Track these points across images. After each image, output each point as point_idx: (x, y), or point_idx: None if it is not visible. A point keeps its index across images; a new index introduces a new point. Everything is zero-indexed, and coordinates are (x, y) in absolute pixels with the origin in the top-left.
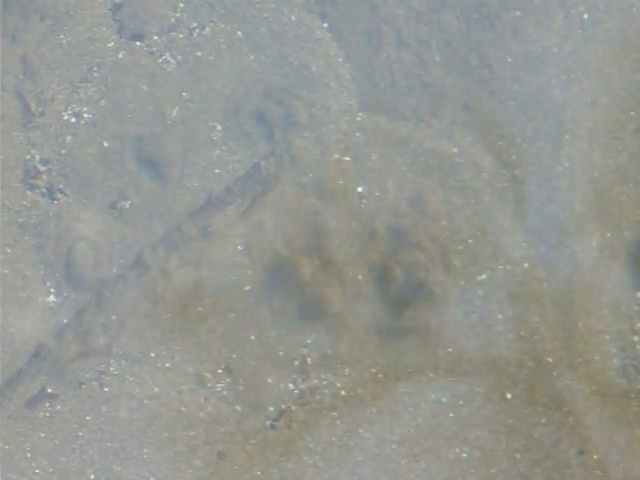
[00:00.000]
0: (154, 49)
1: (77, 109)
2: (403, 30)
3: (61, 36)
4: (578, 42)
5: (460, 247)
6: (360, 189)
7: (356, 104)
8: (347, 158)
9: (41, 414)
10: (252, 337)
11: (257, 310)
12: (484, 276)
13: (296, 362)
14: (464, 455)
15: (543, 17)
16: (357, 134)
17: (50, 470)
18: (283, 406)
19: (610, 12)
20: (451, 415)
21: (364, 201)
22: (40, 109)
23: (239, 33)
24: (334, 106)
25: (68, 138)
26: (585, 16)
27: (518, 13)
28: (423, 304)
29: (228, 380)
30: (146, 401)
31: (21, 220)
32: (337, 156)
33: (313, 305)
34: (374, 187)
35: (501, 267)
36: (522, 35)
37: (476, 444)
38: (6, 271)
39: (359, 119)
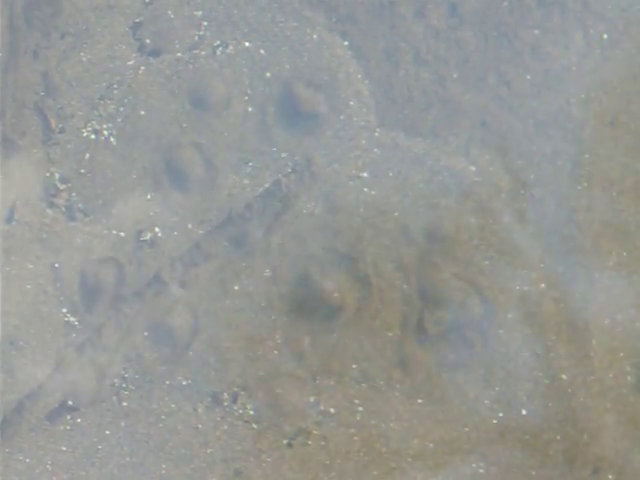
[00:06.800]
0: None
1: (97, 126)
2: (421, 48)
3: (81, 53)
4: (597, 61)
5: (475, 269)
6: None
7: (374, 120)
8: (365, 174)
9: (62, 427)
10: (271, 356)
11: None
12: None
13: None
14: (481, 470)
15: (562, 36)
16: (375, 150)
17: None
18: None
19: (629, 32)
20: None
21: (379, 220)
22: (60, 125)
23: (262, 51)
24: (353, 122)
25: (87, 155)
26: (605, 36)
27: (537, 32)
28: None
29: (244, 399)
30: (163, 417)
31: (42, 237)
32: (354, 172)
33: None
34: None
35: (518, 288)
36: (541, 53)
37: (493, 459)
38: (28, 286)
39: (377, 135)
